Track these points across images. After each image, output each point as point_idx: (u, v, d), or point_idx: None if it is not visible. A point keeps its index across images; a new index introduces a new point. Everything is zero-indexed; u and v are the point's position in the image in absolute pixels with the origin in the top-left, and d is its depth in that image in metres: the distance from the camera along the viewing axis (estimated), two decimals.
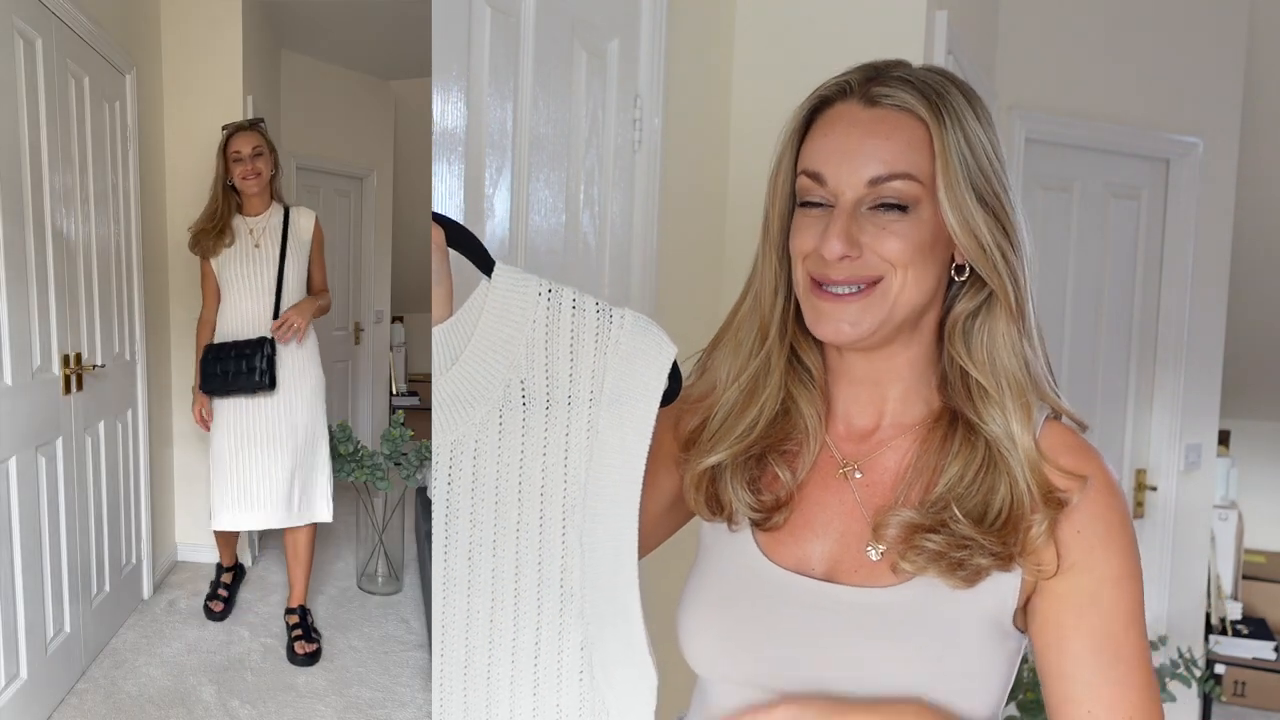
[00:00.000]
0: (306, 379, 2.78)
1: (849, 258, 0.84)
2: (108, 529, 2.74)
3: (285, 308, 2.71)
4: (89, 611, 2.59)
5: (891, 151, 0.84)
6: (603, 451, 0.88)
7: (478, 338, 0.89)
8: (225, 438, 2.75)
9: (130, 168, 2.91)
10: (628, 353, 0.88)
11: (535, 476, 0.89)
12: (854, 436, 0.94)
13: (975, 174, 0.85)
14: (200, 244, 2.76)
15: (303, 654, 2.70)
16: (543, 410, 0.89)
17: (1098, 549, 0.84)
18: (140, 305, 2.98)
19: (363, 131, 4.60)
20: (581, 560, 0.89)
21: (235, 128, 2.79)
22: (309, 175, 4.32)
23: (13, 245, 2.11)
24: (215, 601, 3.02)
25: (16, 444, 2.15)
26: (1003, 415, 0.86)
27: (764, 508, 0.91)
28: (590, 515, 0.89)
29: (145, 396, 3.02)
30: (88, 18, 2.52)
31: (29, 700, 2.22)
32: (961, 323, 0.89)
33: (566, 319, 0.89)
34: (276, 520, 2.78)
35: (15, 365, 2.12)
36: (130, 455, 2.95)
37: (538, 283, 0.89)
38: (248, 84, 3.36)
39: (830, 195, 0.86)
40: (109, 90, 2.75)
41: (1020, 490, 0.84)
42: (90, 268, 2.60)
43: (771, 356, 0.93)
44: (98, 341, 2.65)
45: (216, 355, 2.68)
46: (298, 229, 2.78)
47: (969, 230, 0.85)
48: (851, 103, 0.87)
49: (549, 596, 0.89)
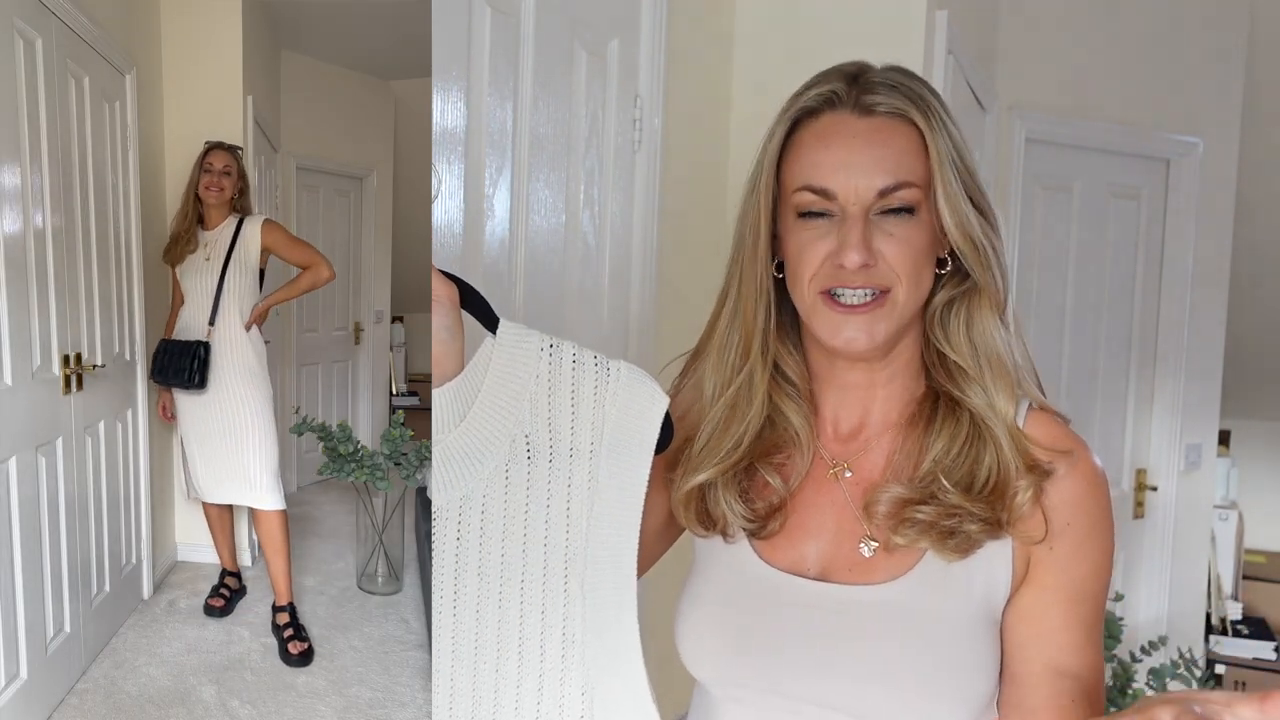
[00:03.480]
0: (239, 374, 2.93)
1: (868, 265, 0.85)
2: (108, 529, 2.74)
3: (222, 313, 2.93)
4: (89, 611, 2.59)
5: (894, 160, 0.85)
6: (603, 501, 0.91)
7: (485, 394, 0.91)
8: (183, 425, 2.99)
9: (130, 168, 2.91)
10: (624, 405, 0.90)
11: (539, 528, 0.91)
12: (841, 437, 0.95)
13: (964, 173, 0.86)
14: (170, 253, 3.00)
15: (297, 654, 2.74)
16: (546, 463, 0.91)
17: (1072, 528, 0.85)
18: (140, 305, 2.98)
19: (363, 131, 4.60)
20: (584, 607, 0.91)
21: (215, 145, 2.99)
22: (309, 175, 4.32)
23: (13, 245, 2.11)
24: (216, 598, 3.04)
25: (16, 444, 2.15)
26: (984, 390, 0.87)
27: (758, 516, 0.92)
28: (591, 563, 0.91)
29: (145, 396, 3.02)
30: (88, 18, 2.52)
31: (29, 700, 2.22)
32: (940, 310, 0.91)
33: (567, 373, 0.91)
34: (221, 498, 2.99)
35: (15, 365, 2.12)
36: (130, 455, 2.95)
37: (539, 338, 0.91)
38: (248, 84, 3.36)
39: (838, 207, 0.86)
40: (109, 90, 2.76)
41: (1006, 458, 0.85)
42: (90, 268, 2.61)
43: (755, 372, 0.92)
44: (98, 341, 2.65)
45: (165, 349, 2.93)
46: (245, 240, 2.96)
47: (964, 230, 0.86)
48: (843, 113, 0.87)
49: (551, 643, 0.92)
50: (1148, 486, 3.21)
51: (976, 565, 0.86)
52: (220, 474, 2.92)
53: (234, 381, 2.91)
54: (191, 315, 2.94)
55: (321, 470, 3.08)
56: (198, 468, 2.95)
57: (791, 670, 0.88)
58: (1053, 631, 0.85)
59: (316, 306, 4.38)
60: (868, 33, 2.02)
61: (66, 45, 2.41)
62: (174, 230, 2.99)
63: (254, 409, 2.92)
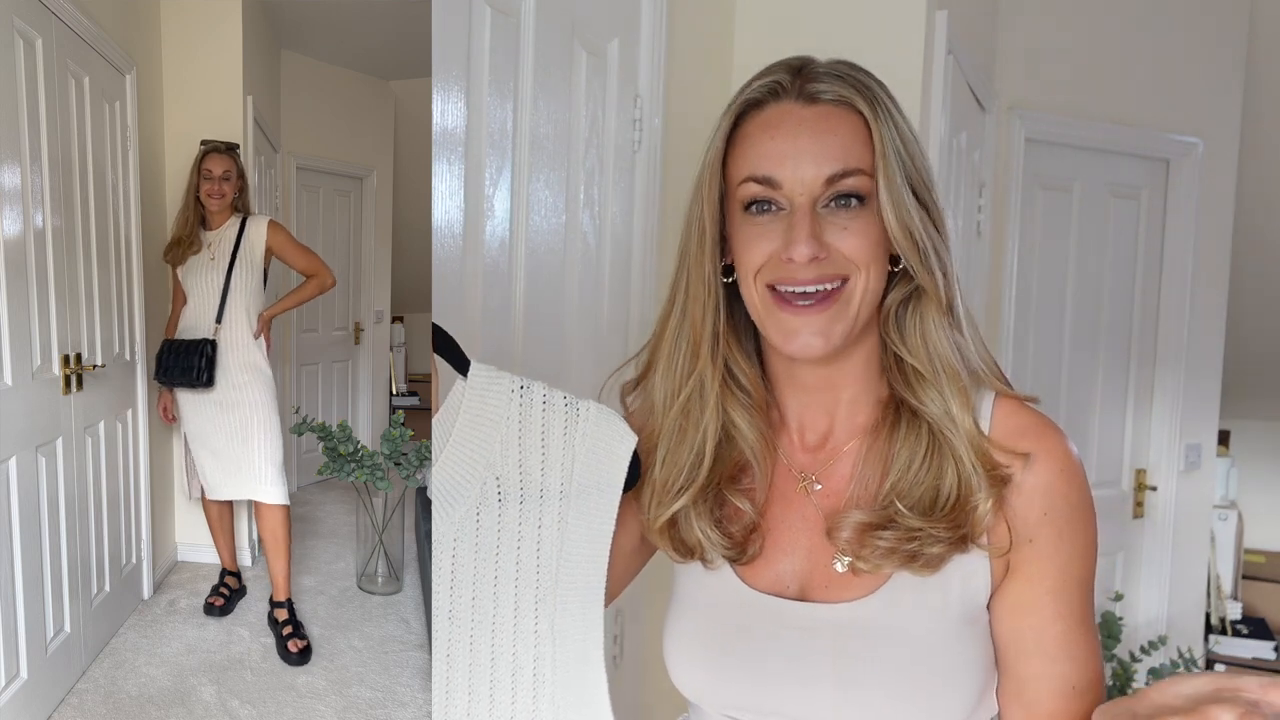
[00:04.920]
0: (246, 373, 2.95)
1: (818, 258, 0.82)
2: (108, 529, 2.74)
3: (229, 312, 2.95)
4: (89, 611, 2.59)
5: (841, 147, 0.82)
6: (572, 542, 0.91)
7: (456, 436, 0.91)
8: (186, 425, 3.01)
9: (130, 168, 2.91)
10: (593, 445, 0.90)
11: (510, 570, 0.91)
12: (808, 447, 0.93)
13: (909, 168, 0.83)
14: (171, 253, 3.02)
15: (296, 651, 2.75)
16: (517, 504, 0.92)
17: (1050, 518, 0.83)
18: (140, 305, 2.98)
19: (363, 131, 4.60)
20: (553, 648, 0.92)
21: (212, 147, 2.99)
22: (309, 175, 4.32)
23: (13, 245, 2.11)
24: (216, 597, 3.04)
25: (16, 444, 2.15)
26: (940, 397, 0.85)
27: (735, 543, 0.90)
28: (560, 604, 0.91)
29: (145, 396, 3.02)
30: (88, 18, 2.52)
31: (29, 700, 2.22)
32: (894, 310, 0.88)
33: (537, 414, 0.91)
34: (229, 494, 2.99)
35: (15, 365, 2.12)
36: (130, 455, 2.95)
37: (510, 380, 0.91)
38: (248, 84, 3.36)
39: (784, 198, 0.83)
40: (109, 90, 2.75)
41: (966, 471, 0.83)
42: (90, 268, 2.60)
43: (705, 377, 0.89)
44: (98, 341, 2.65)
45: (169, 349, 2.93)
46: (250, 240, 2.98)
47: (904, 227, 0.83)
48: (788, 103, 0.84)
49: (523, 684, 0.92)
50: (1147, 486, 3.21)
51: (952, 572, 0.85)
52: (228, 470, 2.95)
53: (241, 379, 2.93)
54: (196, 314, 2.96)
55: (321, 470, 3.08)
56: (206, 466, 2.97)
57: (777, 693, 0.87)
58: (1044, 623, 0.84)
59: (316, 307, 4.36)
60: (868, 33, 2.02)
61: (66, 45, 2.41)
62: (176, 233, 3.00)
63: (260, 405, 2.94)
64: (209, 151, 2.98)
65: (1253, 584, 4.27)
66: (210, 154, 2.97)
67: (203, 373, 2.86)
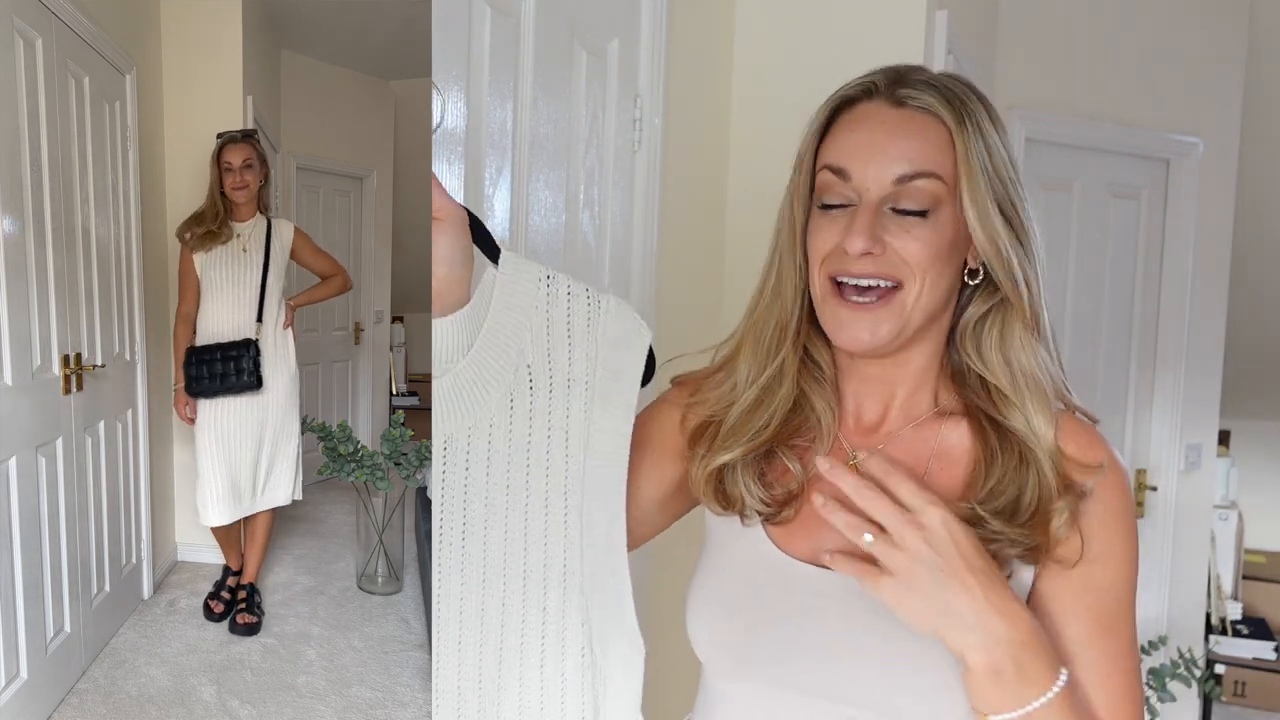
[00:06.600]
0: (282, 373, 2.91)
1: (872, 254, 0.85)
2: (108, 529, 2.74)
3: (267, 311, 2.85)
4: (89, 611, 2.59)
5: (917, 150, 0.85)
6: (596, 433, 0.93)
7: (490, 324, 0.92)
8: (207, 434, 2.84)
9: (130, 168, 2.91)
10: (614, 338, 0.93)
11: (541, 458, 0.93)
12: (862, 429, 0.95)
13: (994, 181, 0.86)
14: (191, 232, 2.83)
15: (243, 624, 2.81)
16: (547, 393, 0.92)
17: (1107, 535, 0.86)
18: (140, 305, 2.98)
19: (363, 131, 4.60)
20: (580, 539, 0.93)
21: (228, 138, 2.87)
22: (309, 175, 4.32)
23: (13, 245, 2.11)
24: (216, 602, 3.02)
25: (16, 444, 2.15)
26: (1023, 414, 0.87)
27: (774, 502, 0.92)
28: (587, 495, 0.93)
29: (145, 396, 3.02)
30: (88, 18, 2.52)
31: (29, 700, 2.22)
32: (972, 326, 0.91)
33: (563, 305, 0.92)
34: (247, 509, 2.91)
35: (15, 365, 2.12)
36: (130, 455, 2.95)
37: (537, 268, 0.93)
38: (248, 84, 3.36)
39: (854, 192, 0.87)
40: (109, 90, 2.75)
41: (1047, 483, 0.85)
42: (90, 268, 2.60)
43: (787, 359, 0.94)
44: (98, 341, 2.65)
45: (201, 358, 2.77)
46: (281, 240, 2.92)
47: (990, 238, 0.86)
48: (878, 102, 0.88)
49: (554, 575, 0.93)
50: (1148, 486, 3.21)
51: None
52: (262, 475, 2.90)
53: (280, 380, 2.88)
54: (225, 311, 2.83)
55: (321, 470, 3.08)
56: (242, 472, 2.87)
57: (801, 661, 0.88)
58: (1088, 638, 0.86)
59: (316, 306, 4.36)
60: (868, 33, 2.02)
61: (66, 45, 2.41)
62: (203, 227, 2.85)
63: (290, 407, 2.92)
64: (226, 143, 2.84)
65: (1253, 584, 4.27)
66: (227, 145, 2.84)
67: (252, 375, 2.74)
